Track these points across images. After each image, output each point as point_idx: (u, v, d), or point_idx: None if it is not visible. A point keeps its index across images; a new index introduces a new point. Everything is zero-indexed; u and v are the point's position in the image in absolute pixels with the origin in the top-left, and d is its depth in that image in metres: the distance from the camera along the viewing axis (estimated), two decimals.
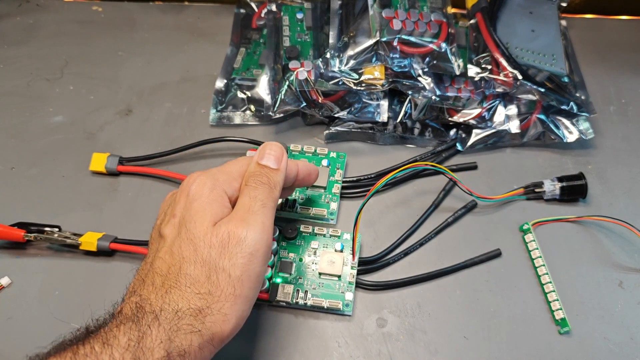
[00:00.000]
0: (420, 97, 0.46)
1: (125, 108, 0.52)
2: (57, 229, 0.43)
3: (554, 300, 0.40)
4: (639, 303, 0.41)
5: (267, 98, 0.49)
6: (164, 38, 0.57)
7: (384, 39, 0.45)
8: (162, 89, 0.53)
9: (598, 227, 0.45)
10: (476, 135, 0.48)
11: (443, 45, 0.46)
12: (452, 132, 0.49)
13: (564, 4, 0.54)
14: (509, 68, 0.46)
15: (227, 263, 0.30)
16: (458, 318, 0.40)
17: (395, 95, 0.49)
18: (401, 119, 0.48)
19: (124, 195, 0.46)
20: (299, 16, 0.52)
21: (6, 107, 0.52)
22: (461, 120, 0.47)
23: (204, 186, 0.33)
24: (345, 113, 0.47)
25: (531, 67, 0.48)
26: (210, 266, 0.30)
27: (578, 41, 0.55)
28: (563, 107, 0.47)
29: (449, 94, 0.47)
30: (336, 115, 0.47)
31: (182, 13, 0.59)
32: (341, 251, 0.42)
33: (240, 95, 0.51)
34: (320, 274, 0.41)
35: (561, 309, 0.40)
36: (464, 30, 0.52)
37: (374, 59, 0.45)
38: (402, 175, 0.47)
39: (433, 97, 0.46)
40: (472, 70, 0.48)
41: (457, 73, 0.47)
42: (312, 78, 0.45)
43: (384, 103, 0.47)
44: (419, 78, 0.46)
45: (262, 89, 0.50)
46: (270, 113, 0.47)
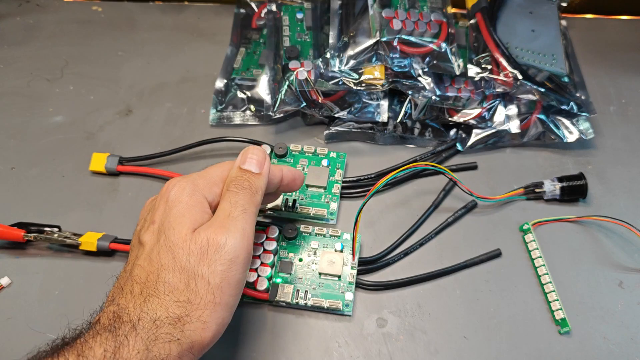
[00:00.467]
0: (420, 97, 0.46)
1: (125, 108, 0.52)
2: (57, 229, 0.43)
3: (554, 300, 0.40)
4: (639, 303, 0.41)
5: (267, 98, 0.49)
6: (164, 38, 0.57)
7: (384, 39, 0.45)
8: (162, 89, 0.53)
9: (598, 227, 0.45)
10: (476, 135, 0.48)
11: (443, 45, 0.46)
12: (452, 132, 0.49)
13: (564, 4, 0.54)
14: (509, 68, 0.46)
15: (206, 270, 0.29)
16: (458, 318, 0.40)
17: (395, 95, 0.49)
18: (401, 119, 0.48)
19: (124, 195, 0.46)
20: (299, 16, 0.52)
21: (6, 107, 0.52)
22: (461, 120, 0.47)
23: (183, 192, 0.32)
24: (345, 113, 0.47)
25: (531, 67, 0.48)
26: (189, 273, 0.29)
27: (578, 41, 0.55)
28: (563, 107, 0.47)
29: (449, 94, 0.47)
30: (336, 115, 0.47)
31: (182, 13, 0.59)
32: (341, 251, 0.42)
33: (240, 95, 0.51)
34: (320, 274, 0.41)
35: (561, 309, 0.40)
36: (464, 30, 0.52)
37: (374, 59, 0.45)
38: (402, 175, 0.47)
39: (433, 97, 0.46)
40: (472, 70, 0.48)
41: (457, 73, 0.47)
42: (312, 78, 0.45)
43: (384, 103, 0.47)
44: (419, 78, 0.46)
45: (262, 89, 0.50)
46: (270, 113, 0.47)
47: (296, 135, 0.50)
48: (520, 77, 0.46)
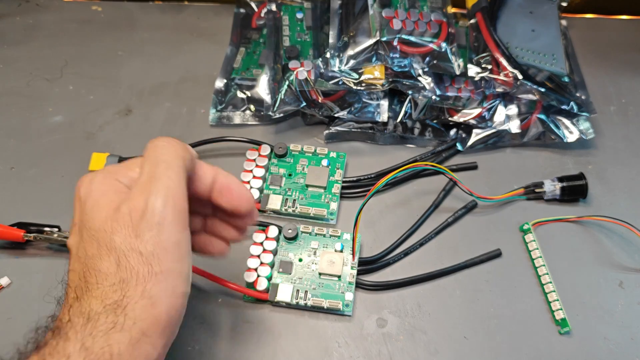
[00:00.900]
0: (420, 97, 0.46)
1: (125, 108, 0.52)
2: (57, 229, 0.43)
3: (554, 300, 0.40)
4: (639, 303, 0.41)
5: (267, 98, 0.48)
6: (164, 38, 0.57)
7: (384, 39, 0.45)
8: (162, 89, 0.53)
9: (598, 227, 0.45)
10: (476, 135, 0.48)
11: (443, 45, 0.46)
12: (452, 132, 0.49)
13: (564, 4, 0.54)
14: (509, 68, 0.46)
15: (135, 242, 0.26)
16: (458, 318, 0.40)
17: (395, 95, 0.49)
18: (401, 119, 0.48)
19: None
20: (299, 16, 0.52)
21: (6, 107, 0.51)
22: (461, 120, 0.47)
23: (93, 181, 0.29)
24: (345, 113, 0.47)
25: (531, 67, 0.48)
26: (118, 252, 0.26)
27: (578, 41, 0.55)
28: (563, 107, 0.47)
29: (449, 94, 0.47)
30: (336, 115, 0.47)
31: (182, 13, 0.59)
32: (341, 251, 0.42)
33: (240, 95, 0.50)
34: (320, 274, 0.41)
35: (561, 309, 0.40)
36: (464, 30, 0.52)
37: (374, 59, 0.45)
38: (402, 175, 0.47)
39: (433, 97, 0.46)
40: (472, 70, 0.47)
41: (457, 73, 0.47)
42: (312, 78, 0.45)
43: (384, 103, 0.47)
44: (419, 78, 0.46)
45: (262, 89, 0.50)
46: (270, 113, 0.47)
47: (296, 135, 0.50)
48: (520, 77, 0.46)
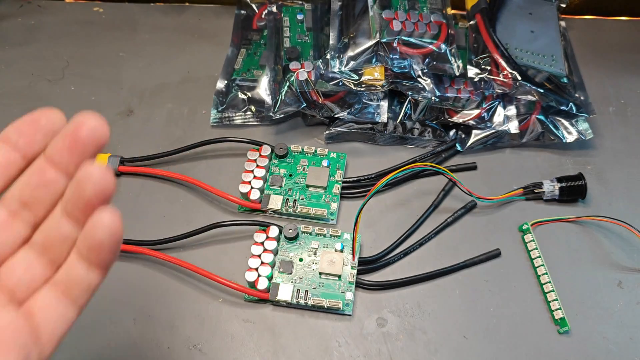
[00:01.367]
0: (420, 98, 0.46)
1: (126, 109, 0.52)
2: None
3: (553, 300, 0.41)
4: (639, 303, 0.41)
5: (268, 99, 0.49)
6: (165, 39, 0.57)
7: (384, 40, 0.45)
8: (163, 90, 0.53)
9: (597, 228, 0.45)
10: (475, 135, 0.48)
11: (443, 46, 0.46)
12: (452, 133, 0.49)
13: (564, 5, 0.54)
14: (509, 69, 0.46)
15: None
16: (458, 318, 0.41)
17: (395, 95, 0.49)
18: (401, 120, 0.48)
19: (125, 195, 0.47)
20: (300, 17, 0.52)
21: (7, 108, 0.52)
22: (461, 120, 0.48)
23: None
24: (345, 114, 0.47)
25: (530, 68, 0.48)
26: None
27: (577, 42, 0.55)
28: (562, 108, 0.47)
29: (449, 95, 0.47)
30: (336, 115, 0.47)
31: (183, 14, 0.59)
32: (341, 251, 0.42)
33: (240, 96, 0.51)
34: (320, 274, 0.41)
35: (560, 309, 0.40)
36: (464, 31, 0.52)
37: (374, 60, 0.46)
38: (402, 175, 0.47)
39: (433, 98, 0.46)
40: (472, 71, 0.48)
41: (457, 74, 0.47)
42: (313, 79, 0.46)
43: (384, 104, 0.48)
44: (419, 79, 0.46)
45: (263, 90, 0.50)
46: (270, 114, 0.47)
47: (296, 135, 0.50)
48: (519, 78, 0.46)
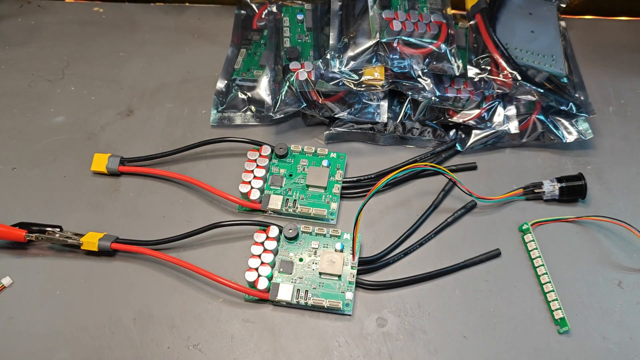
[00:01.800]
0: (420, 98, 0.46)
1: (126, 109, 0.52)
2: (59, 229, 0.43)
3: (553, 300, 0.41)
4: (638, 303, 0.41)
5: (268, 99, 0.49)
6: (165, 39, 0.57)
7: (384, 40, 0.45)
8: (163, 90, 0.53)
9: (597, 227, 0.45)
10: (476, 135, 0.48)
11: (443, 46, 0.46)
12: (452, 133, 0.49)
13: (563, 5, 0.54)
14: (509, 69, 0.46)
15: None
16: (458, 318, 0.41)
17: (395, 95, 0.49)
18: (401, 120, 0.48)
19: (125, 195, 0.47)
20: (300, 17, 0.52)
21: (8, 108, 0.52)
22: (461, 120, 0.48)
23: None
24: (345, 114, 0.47)
25: (530, 68, 0.48)
26: None
27: (577, 42, 0.55)
28: (562, 108, 0.47)
29: (449, 95, 0.47)
30: (336, 115, 0.47)
31: (183, 14, 0.59)
32: (341, 251, 0.42)
33: (240, 96, 0.51)
34: (320, 274, 0.41)
35: (560, 309, 0.40)
36: (464, 31, 0.52)
37: (374, 60, 0.46)
38: (402, 175, 0.47)
39: (433, 98, 0.46)
40: (472, 71, 0.48)
41: (457, 74, 0.47)
42: (313, 79, 0.46)
43: (384, 104, 0.48)
44: (419, 79, 0.46)
45: (263, 90, 0.50)
46: (270, 114, 0.47)
47: (296, 135, 0.50)
48: (519, 78, 0.46)
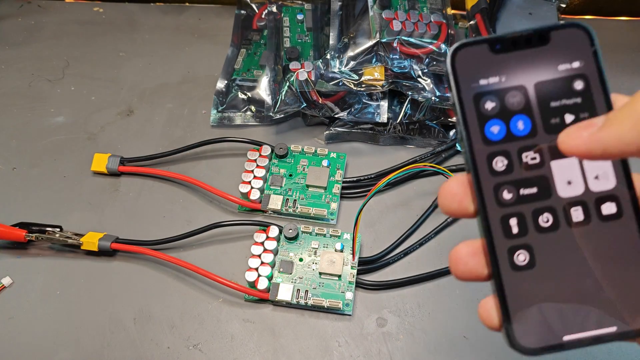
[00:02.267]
0: (420, 98, 0.46)
1: (126, 109, 0.52)
2: (59, 229, 0.43)
3: None
4: None
5: (268, 99, 0.49)
6: (165, 39, 0.57)
7: (384, 40, 0.45)
8: (163, 90, 0.53)
9: None
10: None
11: (443, 46, 0.46)
12: (452, 133, 0.49)
13: (564, 5, 0.54)
14: None
15: None
16: (458, 318, 0.41)
17: (395, 96, 0.49)
18: (401, 120, 0.48)
19: (126, 195, 0.47)
20: (300, 17, 0.52)
21: (7, 108, 0.52)
22: None
23: None
24: (345, 114, 0.47)
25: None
26: None
27: None
28: None
29: (449, 95, 0.47)
30: (336, 115, 0.47)
31: (183, 14, 0.59)
32: (341, 251, 0.42)
33: (241, 96, 0.51)
34: (320, 274, 0.41)
35: None
36: (464, 31, 0.52)
37: (374, 60, 0.46)
38: (402, 175, 0.47)
39: (433, 98, 0.46)
40: None
41: None
42: (313, 79, 0.46)
43: (384, 104, 0.48)
44: (419, 79, 0.46)
45: (263, 90, 0.50)
46: (270, 114, 0.47)
47: (297, 135, 0.50)
48: None
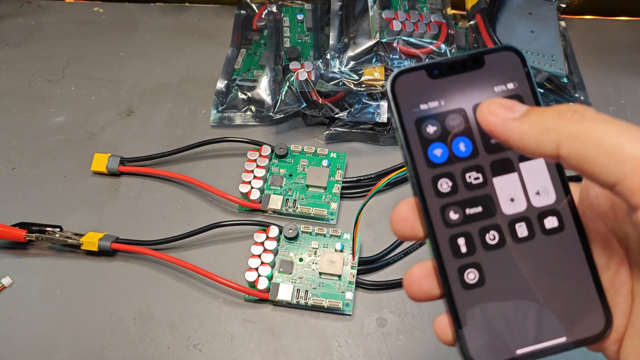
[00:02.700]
0: None
1: (126, 109, 0.52)
2: (59, 229, 0.43)
3: None
4: None
5: (268, 99, 0.49)
6: (165, 39, 0.57)
7: (384, 40, 0.45)
8: (163, 90, 0.53)
9: None
10: None
11: (443, 46, 0.46)
12: None
13: (563, 5, 0.54)
14: None
15: None
16: None
17: None
18: None
19: (126, 195, 0.47)
20: (300, 17, 0.52)
21: (8, 108, 0.52)
22: None
23: None
24: (345, 114, 0.47)
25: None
26: None
27: (577, 42, 0.55)
28: None
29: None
30: (336, 115, 0.47)
31: (183, 14, 0.59)
32: (341, 251, 0.42)
33: (241, 96, 0.51)
34: (320, 274, 0.41)
35: None
36: (464, 31, 0.52)
37: (374, 60, 0.46)
38: (403, 175, 0.47)
39: None
40: None
41: None
42: (313, 79, 0.46)
43: (384, 104, 0.48)
44: None
45: (263, 90, 0.50)
46: (270, 114, 0.47)
47: (297, 135, 0.50)
48: None
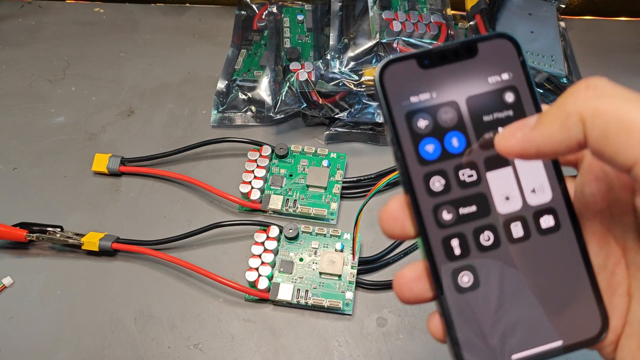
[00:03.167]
0: None
1: (127, 109, 0.52)
2: (59, 229, 0.43)
3: None
4: None
5: (268, 99, 0.49)
6: (166, 39, 0.57)
7: (384, 41, 0.45)
8: (164, 90, 0.53)
9: None
10: None
11: None
12: None
13: (563, 6, 0.54)
14: None
15: None
16: None
17: None
18: None
19: (126, 195, 0.47)
20: (300, 18, 0.52)
21: (8, 108, 0.52)
22: None
23: None
24: (345, 114, 0.47)
25: (530, 68, 0.48)
26: None
27: (577, 42, 0.55)
28: None
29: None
30: (336, 116, 0.47)
31: (184, 15, 0.59)
32: (341, 251, 0.42)
33: (241, 96, 0.51)
34: (320, 274, 0.41)
35: None
36: (464, 31, 0.52)
37: (374, 61, 0.46)
38: None
39: None
40: None
41: None
42: (313, 79, 0.46)
43: None
44: None
45: (263, 90, 0.50)
46: (271, 114, 0.47)
47: (297, 136, 0.50)
48: None
